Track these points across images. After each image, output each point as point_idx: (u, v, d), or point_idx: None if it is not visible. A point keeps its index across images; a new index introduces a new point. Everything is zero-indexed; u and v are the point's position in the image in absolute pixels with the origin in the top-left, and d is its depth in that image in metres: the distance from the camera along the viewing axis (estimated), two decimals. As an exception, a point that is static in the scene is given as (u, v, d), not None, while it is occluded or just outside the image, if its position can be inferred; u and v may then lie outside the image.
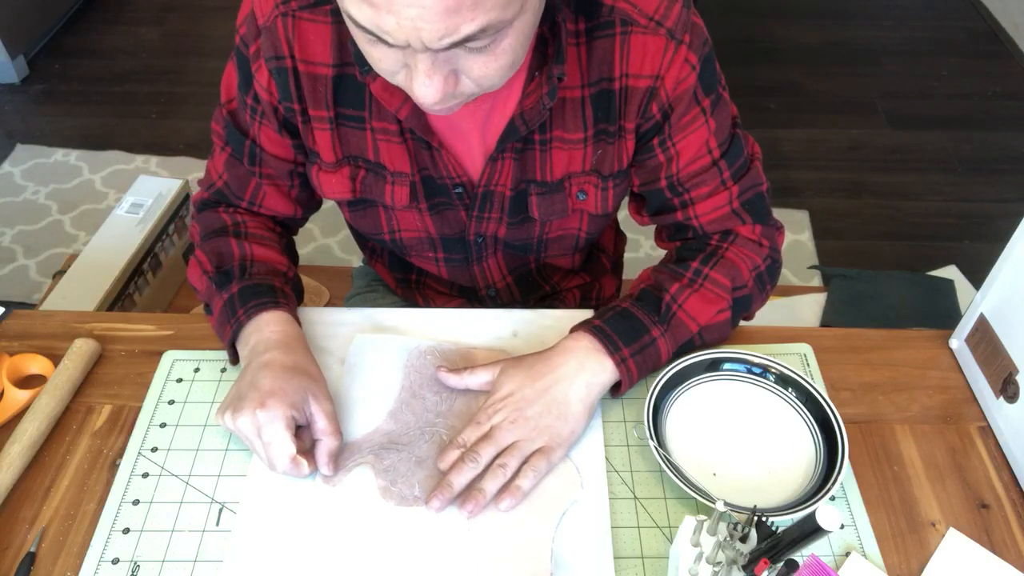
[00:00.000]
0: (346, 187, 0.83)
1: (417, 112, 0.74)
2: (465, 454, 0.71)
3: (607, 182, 0.82)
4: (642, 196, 0.86)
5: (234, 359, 0.81)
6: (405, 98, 0.73)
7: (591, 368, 0.75)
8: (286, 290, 0.82)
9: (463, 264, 0.94)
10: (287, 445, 0.69)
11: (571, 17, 0.72)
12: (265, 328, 0.77)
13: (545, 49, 0.72)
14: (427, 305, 1.06)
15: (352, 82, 0.76)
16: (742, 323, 0.87)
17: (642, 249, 2.11)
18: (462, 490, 0.70)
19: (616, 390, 0.78)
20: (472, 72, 0.61)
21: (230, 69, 0.81)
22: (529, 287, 1.01)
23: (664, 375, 0.78)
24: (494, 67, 0.61)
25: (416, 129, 0.75)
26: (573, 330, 0.79)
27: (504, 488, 0.70)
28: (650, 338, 0.77)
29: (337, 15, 0.72)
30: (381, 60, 0.62)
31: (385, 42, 0.58)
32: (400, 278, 1.05)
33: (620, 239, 1.12)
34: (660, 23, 0.72)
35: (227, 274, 0.81)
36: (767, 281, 0.84)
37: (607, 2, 0.72)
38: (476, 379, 0.78)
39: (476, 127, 0.78)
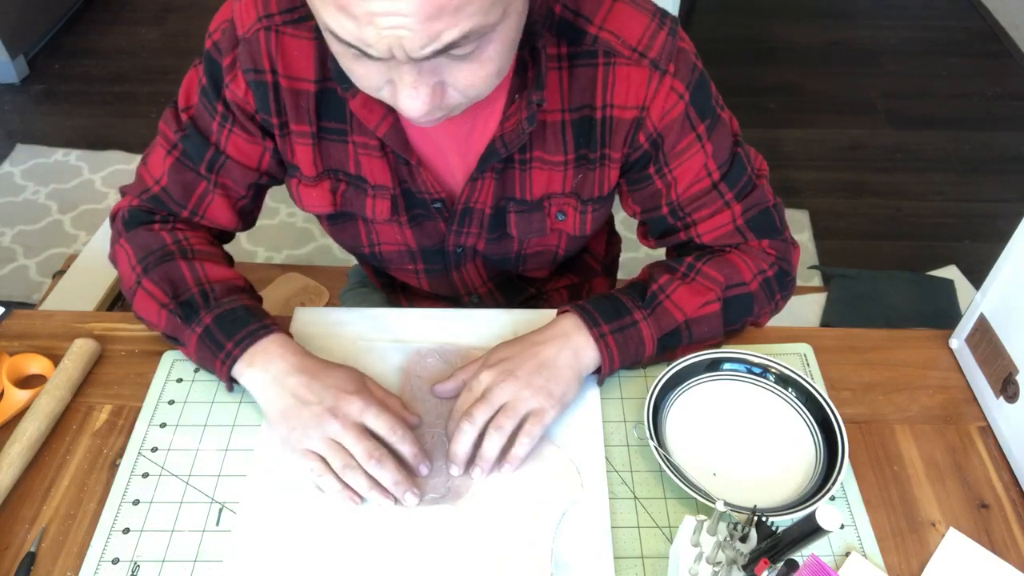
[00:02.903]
0: (326, 200, 0.82)
1: (396, 129, 0.74)
2: (461, 418, 0.72)
3: (586, 206, 0.82)
4: (646, 222, 0.87)
5: (230, 386, 0.77)
6: (384, 115, 0.73)
7: (577, 340, 0.76)
8: (258, 307, 0.79)
9: (442, 272, 0.94)
10: (391, 416, 0.72)
11: (552, 41, 0.72)
12: (273, 348, 0.74)
13: (526, 73, 0.72)
14: (410, 306, 1.06)
15: (334, 96, 0.75)
16: (743, 324, 0.86)
17: (642, 249, 2.11)
18: (468, 456, 0.72)
19: (599, 375, 0.78)
20: (459, 82, 0.61)
21: (192, 75, 0.80)
22: (512, 291, 1.01)
23: (664, 375, 0.78)
24: (480, 75, 0.60)
25: (395, 147, 0.75)
26: (560, 311, 0.80)
27: (502, 455, 0.72)
28: (631, 320, 0.77)
29: (320, 31, 0.71)
30: (365, 76, 0.61)
31: (368, 56, 0.57)
32: (384, 283, 1.06)
33: (614, 241, 1.11)
34: (643, 54, 0.72)
35: (189, 304, 0.77)
36: (776, 289, 0.83)
37: (591, 31, 0.72)
38: (468, 372, 0.78)
39: (456, 145, 0.78)
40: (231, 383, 0.77)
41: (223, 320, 0.75)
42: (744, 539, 0.59)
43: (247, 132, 0.79)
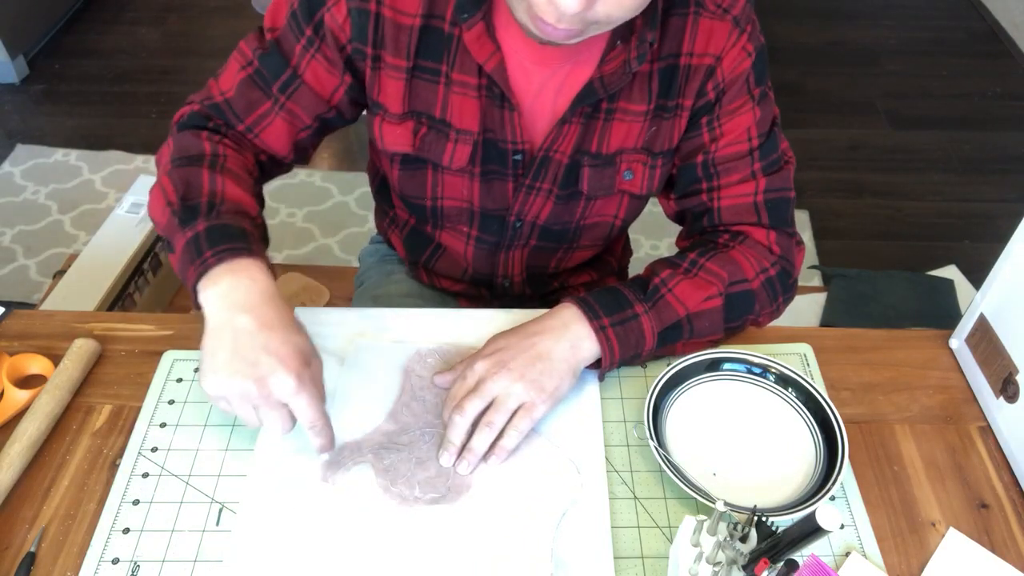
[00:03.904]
0: (407, 140, 0.83)
1: (502, 68, 0.76)
2: (454, 410, 0.73)
3: (656, 160, 0.85)
4: (672, 176, 0.88)
5: (197, 304, 0.72)
6: (494, 51, 0.75)
7: (575, 331, 0.76)
8: (256, 235, 0.76)
9: (492, 249, 0.95)
10: (318, 408, 0.68)
11: None
12: (243, 275, 0.70)
13: (632, 20, 0.73)
14: (431, 284, 1.07)
15: (436, 34, 0.77)
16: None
17: (642, 249, 2.12)
18: (458, 448, 0.73)
19: (599, 369, 0.78)
20: None
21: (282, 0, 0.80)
22: (541, 284, 1.03)
23: (664, 375, 0.78)
24: None
25: (499, 83, 0.77)
26: (561, 302, 0.80)
27: (491, 446, 0.73)
28: (632, 312, 0.78)
29: None
30: None
31: None
32: (411, 255, 1.05)
33: (627, 250, 1.14)
34: (727, 11, 0.78)
35: (193, 209, 0.74)
36: (779, 291, 0.84)
37: None
38: (467, 364, 0.78)
39: (552, 91, 0.80)
40: (198, 302, 0.71)
41: (214, 231, 0.72)
42: (744, 539, 0.59)
43: (329, 61, 0.80)
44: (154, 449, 0.75)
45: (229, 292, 0.69)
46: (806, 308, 1.83)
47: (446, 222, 0.94)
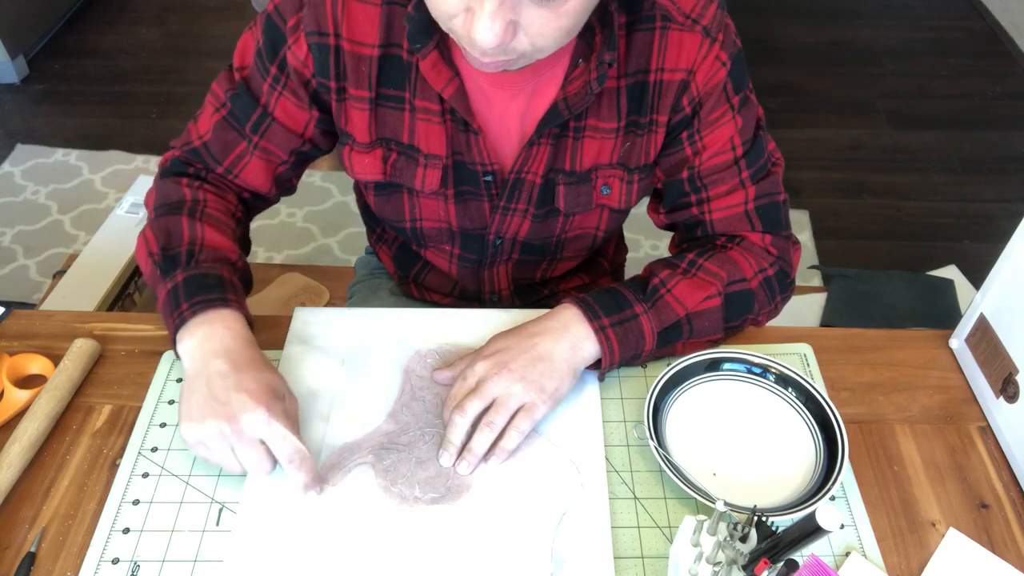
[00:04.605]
0: (377, 168, 0.83)
1: (461, 93, 0.75)
2: (454, 410, 0.73)
3: (632, 175, 0.84)
4: (660, 191, 0.88)
5: (177, 355, 0.74)
6: (451, 78, 0.74)
7: (575, 331, 0.76)
8: (234, 281, 0.77)
9: (475, 267, 0.95)
10: (295, 441, 0.68)
11: (613, 11, 0.74)
12: (218, 324, 0.72)
13: (591, 38, 0.74)
14: (421, 297, 1.07)
15: (396, 62, 0.77)
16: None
17: (642, 249, 2.12)
18: (459, 448, 0.73)
19: (599, 369, 0.78)
20: (532, 27, 0.62)
21: (249, 36, 0.81)
22: (530, 293, 1.03)
23: (664, 375, 0.78)
24: (554, 26, 0.62)
25: (458, 109, 0.76)
26: (561, 302, 0.80)
27: (492, 447, 0.73)
28: (632, 313, 0.78)
29: None
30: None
31: None
32: (400, 270, 1.05)
33: (622, 247, 1.13)
34: (696, 21, 0.76)
35: (173, 260, 0.76)
36: (777, 290, 0.84)
37: None
38: (467, 362, 0.78)
39: (516, 113, 0.79)
40: (177, 351, 0.74)
41: (191, 282, 0.74)
42: (744, 539, 0.59)
43: (297, 97, 0.80)
44: (154, 449, 0.75)
45: (204, 341, 0.71)
46: (806, 308, 1.83)
47: (428, 242, 0.94)
